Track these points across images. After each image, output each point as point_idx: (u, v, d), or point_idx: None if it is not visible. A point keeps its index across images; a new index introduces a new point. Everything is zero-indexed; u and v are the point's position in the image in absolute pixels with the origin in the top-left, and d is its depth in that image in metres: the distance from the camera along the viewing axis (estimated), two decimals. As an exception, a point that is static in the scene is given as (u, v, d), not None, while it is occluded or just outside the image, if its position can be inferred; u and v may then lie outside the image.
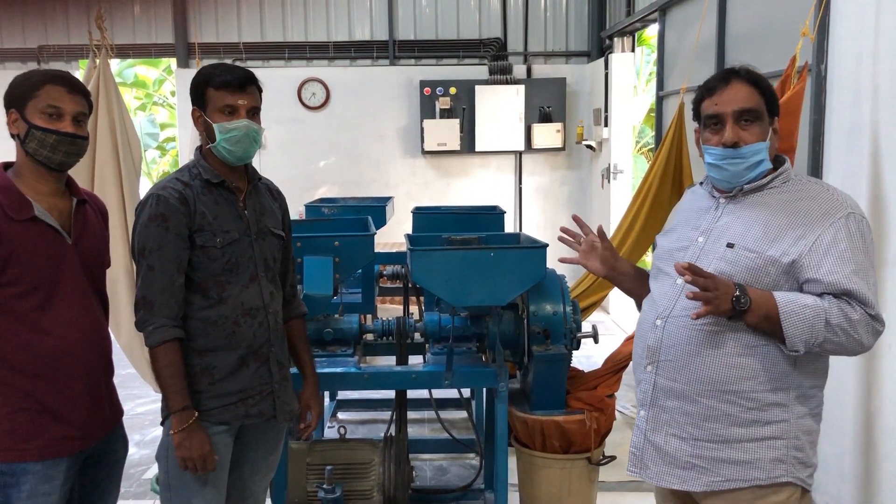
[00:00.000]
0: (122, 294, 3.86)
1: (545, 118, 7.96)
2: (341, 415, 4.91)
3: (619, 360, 3.17)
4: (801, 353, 1.85)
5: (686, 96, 4.34)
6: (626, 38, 7.41)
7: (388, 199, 4.46)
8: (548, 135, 7.91)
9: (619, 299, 6.98)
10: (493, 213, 3.84)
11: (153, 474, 3.96)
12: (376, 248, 3.12)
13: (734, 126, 1.93)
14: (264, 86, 2.32)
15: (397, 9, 8.15)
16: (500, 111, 7.86)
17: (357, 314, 3.29)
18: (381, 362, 3.92)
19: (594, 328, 3.09)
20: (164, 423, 2.23)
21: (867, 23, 2.95)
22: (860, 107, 2.99)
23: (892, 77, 2.79)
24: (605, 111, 7.46)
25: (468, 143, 7.94)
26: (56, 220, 2.10)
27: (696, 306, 1.85)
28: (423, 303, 3.54)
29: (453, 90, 7.87)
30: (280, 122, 7.87)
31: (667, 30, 5.97)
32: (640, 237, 4.53)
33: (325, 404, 4.55)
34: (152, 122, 13.43)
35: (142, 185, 4.37)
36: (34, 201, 2.06)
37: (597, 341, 3.07)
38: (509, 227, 7.19)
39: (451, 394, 4.25)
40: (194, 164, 2.29)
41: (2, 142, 2.56)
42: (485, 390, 3.64)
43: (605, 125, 7.46)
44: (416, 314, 3.49)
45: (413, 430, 4.38)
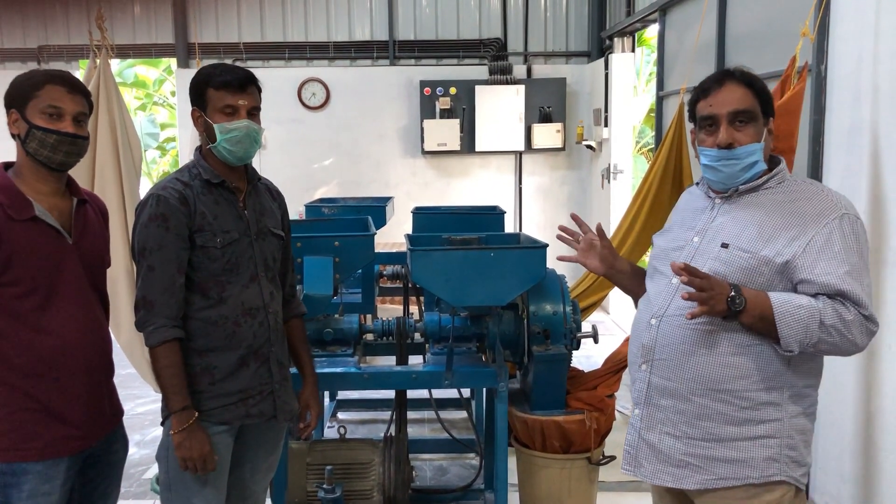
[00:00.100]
0: (123, 294, 3.87)
1: (545, 118, 7.96)
2: (341, 415, 4.91)
3: (619, 360, 3.17)
4: (796, 353, 1.85)
5: (686, 96, 4.34)
6: (626, 38, 7.40)
7: (388, 199, 4.46)
8: (548, 135, 7.90)
9: (619, 299, 6.98)
10: (493, 214, 3.84)
11: (153, 474, 3.96)
12: (376, 248, 3.12)
13: (728, 127, 1.93)
14: (264, 86, 2.33)
15: (397, 9, 8.15)
16: (500, 111, 7.86)
17: (357, 314, 3.29)
18: (381, 362, 3.92)
19: (594, 328, 3.09)
20: (164, 423, 2.23)
21: (867, 23, 2.95)
22: (860, 107, 2.99)
23: (892, 77, 2.80)
24: (605, 111, 7.46)
25: (468, 144, 7.94)
26: (56, 219, 2.10)
27: (690, 306, 1.85)
28: (423, 303, 3.54)
29: (453, 90, 7.87)
30: (280, 122, 7.87)
31: (667, 30, 5.97)
32: (640, 237, 4.53)
33: (326, 404, 4.55)
34: (152, 122, 13.44)
35: (142, 185, 4.37)
36: (35, 201, 2.06)
37: (597, 341, 3.08)
38: (509, 227, 7.20)
39: (451, 394, 4.26)
40: (194, 165, 2.29)
41: (2, 142, 2.57)
42: (485, 390, 3.64)
43: (605, 125, 7.46)
44: (416, 314, 3.50)
45: (413, 430, 4.38)
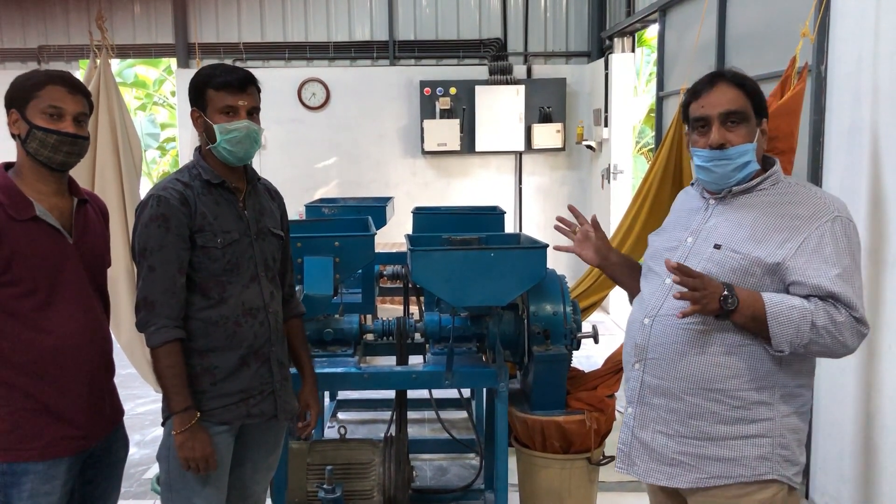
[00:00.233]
0: (123, 294, 3.87)
1: (545, 118, 7.95)
2: (341, 415, 4.91)
3: (618, 360, 3.16)
4: (786, 353, 1.86)
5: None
6: (626, 38, 7.40)
7: (388, 199, 4.46)
8: (548, 135, 7.90)
9: (619, 299, 6.98)
10: (493, 214, 3.84)
11: (154, 474, 3.96)
12: (376, 249, 3.12)
13: (720, 128, 1.95)
14: (264, 86, 2.33)
15: (397, 9, 8.15)
16: (500, 111, 7.86)
17: (357, 314, 3.29)
18: (381, 362, 3.92)
19: (594, 328, 3.09)
20: (164, 423, 2.24)
21: (867, 23, 2.96)
22: (860, 107, 2.99)
23: (892, 77, 2.80)
24: (605, 111, 7.46)
25: (468, 144, 7.94)
26: (57, 219, 2.10)
27: (683, 306, 1.86)
28: (423, 303, 3.54)
29: (453, 90, 7.87)
30: (280, 122, 7.87)
31: (667, 30, 5.97)
32: (641, 237, 4.52)
33: (326, 404, 4.55)
34: (152, 122, 13.44)
35: (142, 185, 4.37)
36: (35, 201, 2.07)
37: (597, 341, 3.08)
38: (509, 227, 7.19)
39: (451, 394, 4.25)
40: (194, 165, 2.29)
41: (2, 142, 2.57)
42: (485, 390, 3.64)
43: (605, 125, 7.46)
44: (416, 314, 3.49)
45: (413, 430, 4.39)
